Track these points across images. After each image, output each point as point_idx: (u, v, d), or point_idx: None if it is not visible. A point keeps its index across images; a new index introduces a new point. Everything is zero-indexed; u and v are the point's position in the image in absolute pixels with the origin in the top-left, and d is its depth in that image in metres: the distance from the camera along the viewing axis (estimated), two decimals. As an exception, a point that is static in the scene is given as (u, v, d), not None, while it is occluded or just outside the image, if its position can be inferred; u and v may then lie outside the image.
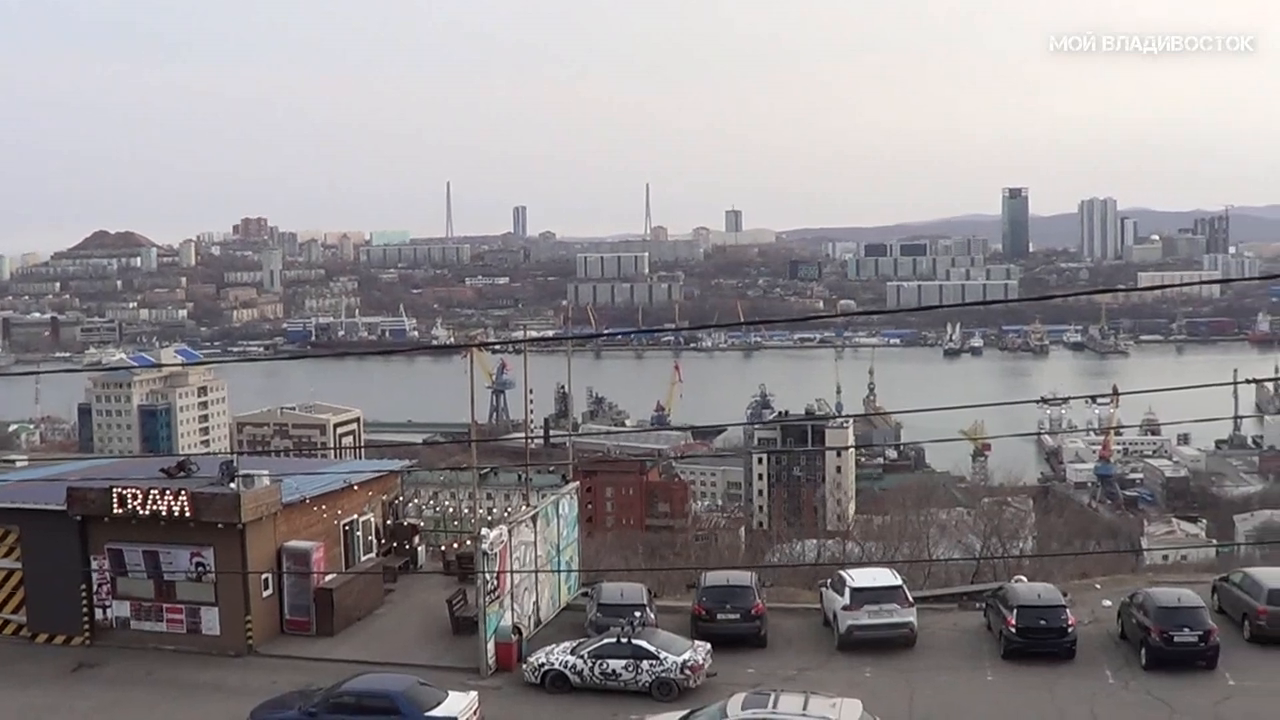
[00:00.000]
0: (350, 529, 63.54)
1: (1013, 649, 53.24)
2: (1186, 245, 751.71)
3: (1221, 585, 59.55)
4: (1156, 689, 49.62)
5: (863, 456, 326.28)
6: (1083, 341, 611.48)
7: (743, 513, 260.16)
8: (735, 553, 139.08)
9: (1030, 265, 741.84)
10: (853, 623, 54.58)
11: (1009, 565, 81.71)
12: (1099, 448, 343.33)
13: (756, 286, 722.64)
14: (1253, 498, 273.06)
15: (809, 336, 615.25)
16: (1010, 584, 59.04)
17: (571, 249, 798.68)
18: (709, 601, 55.97)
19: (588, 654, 49.65)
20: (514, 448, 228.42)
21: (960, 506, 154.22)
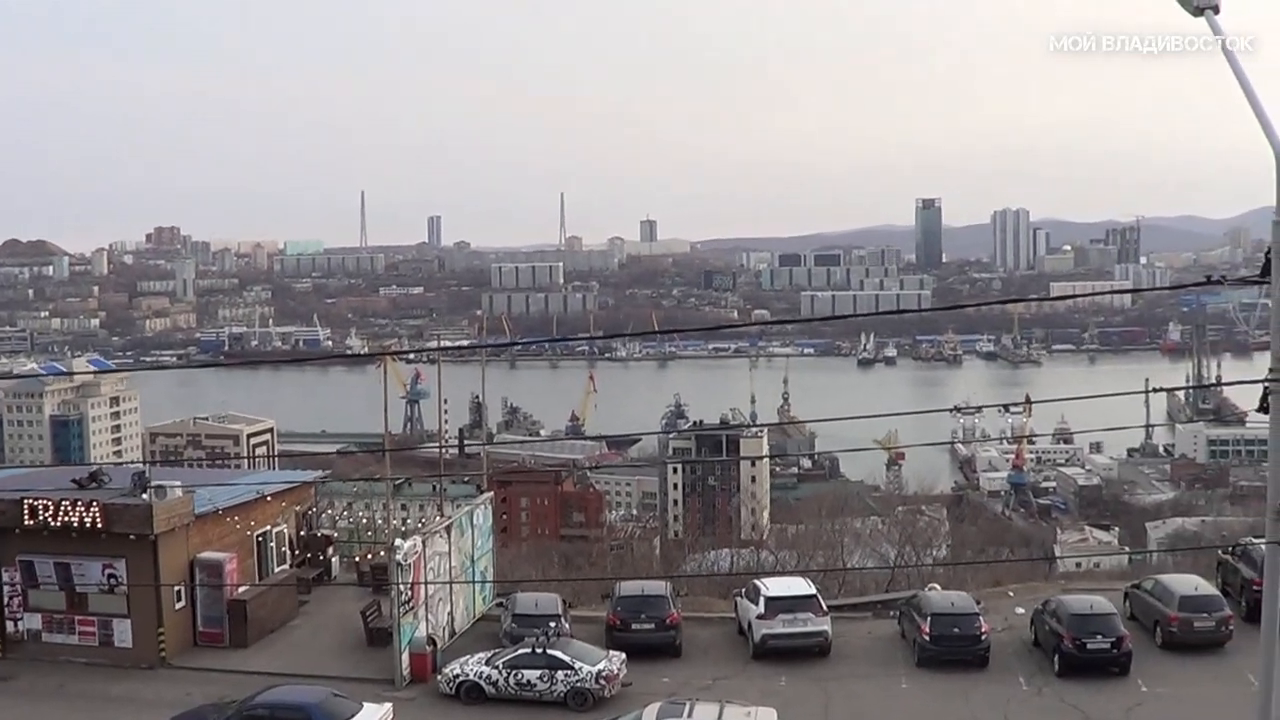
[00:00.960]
0: (264, 540, 63.28)
1: (927, 657, 53.59)
2: (1098, 255, 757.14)
3: (1133, 592, 60.09)
4: (1070, 695, 50.03)
5: (777, 466, 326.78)
6: (995, 351, 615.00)
7: (657, 522, 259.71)
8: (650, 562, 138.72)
9: (944, 275, 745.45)
10: (767, 632, 54.79)
11: (923, 573, 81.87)
12: (1012, 456, 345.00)
13: (671, 296, 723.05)
14: (1164, 505, 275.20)
15: (723, 346, 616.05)
16: (924, 592, 59.31)
17: (486, 258, 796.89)
18: (624, 611, 56.06)
19: (503, 665, 49.68)
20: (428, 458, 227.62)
21: (874, 515, 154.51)
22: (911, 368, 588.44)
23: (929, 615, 54.26)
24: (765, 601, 55.64)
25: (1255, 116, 22.33)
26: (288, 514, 66.25)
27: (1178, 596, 55.92)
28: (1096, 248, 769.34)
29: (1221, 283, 26.39)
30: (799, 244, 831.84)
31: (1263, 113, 22.25)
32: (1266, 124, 22.20)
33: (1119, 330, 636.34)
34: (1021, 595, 65.85)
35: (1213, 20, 23.14)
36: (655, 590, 58.97)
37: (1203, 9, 23.14)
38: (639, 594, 58.06)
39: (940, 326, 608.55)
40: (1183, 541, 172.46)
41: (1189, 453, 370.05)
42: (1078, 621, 52.79)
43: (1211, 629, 54.74)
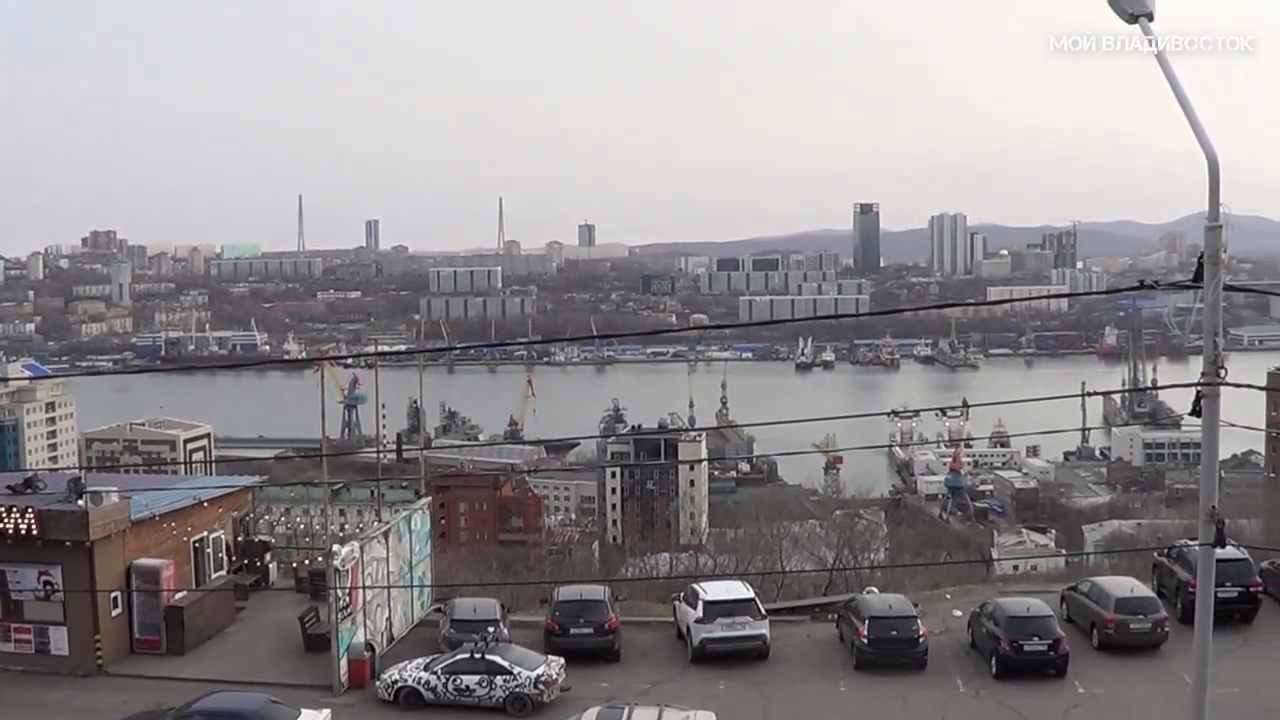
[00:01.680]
0: (201, 546, 62.99)
1: (865, 659, 53.82)
2: (1035, 260, 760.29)
3: (1070, 594, 60.55)
4: (1007, 697, 50.30)
5: (716, 470, 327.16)
6: (933, 355, 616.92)
7: (596, 527, 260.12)
8: (588, 567, 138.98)
9: (881, 280, 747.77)
10: (706, 635, 54.91)
11: (861, 577, 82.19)
12: (949, 460, 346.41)
13: (609, 300, 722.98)
14: (1101, 508, 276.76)
15: (662, 350, 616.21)
16: (862, 595, 59.63)
17: (424, 263, 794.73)
18: (562, 616, 56.12)
19: (441, 670, 49.63)
20: (366, 463, 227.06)
21: (813, 519, 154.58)
22: (849, 372, 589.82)
23: (867, 618, 54.50)
24: (704, 605, 55.80)
25: (1189, 122, 22.50)
26: (225, 520, 66.00)
27: (1114, 598, 56.40)
28: (1033, 252, 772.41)
29: (1155, 287, 26.62)
30: (737, 248, 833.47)
31: (1195, 119, 22.42)
32: (1199, 130, 22.37)
33: (1055, 334, 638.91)
34: (959, 598, 66.16)
35: (1147, 26, 23.28)
36: (594, 595, 59.07)
37: (1137, 15, 23.27)
38: (577, 599, 58.17)
39: (878, 331, 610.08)
40: (1119, 544, 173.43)
41: (1125, 456, 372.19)
42: (1015, 624, 53.17)
43: (1147, 630, 55.20)
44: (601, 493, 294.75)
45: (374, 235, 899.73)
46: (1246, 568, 60.11)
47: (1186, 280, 23.37)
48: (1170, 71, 22.81)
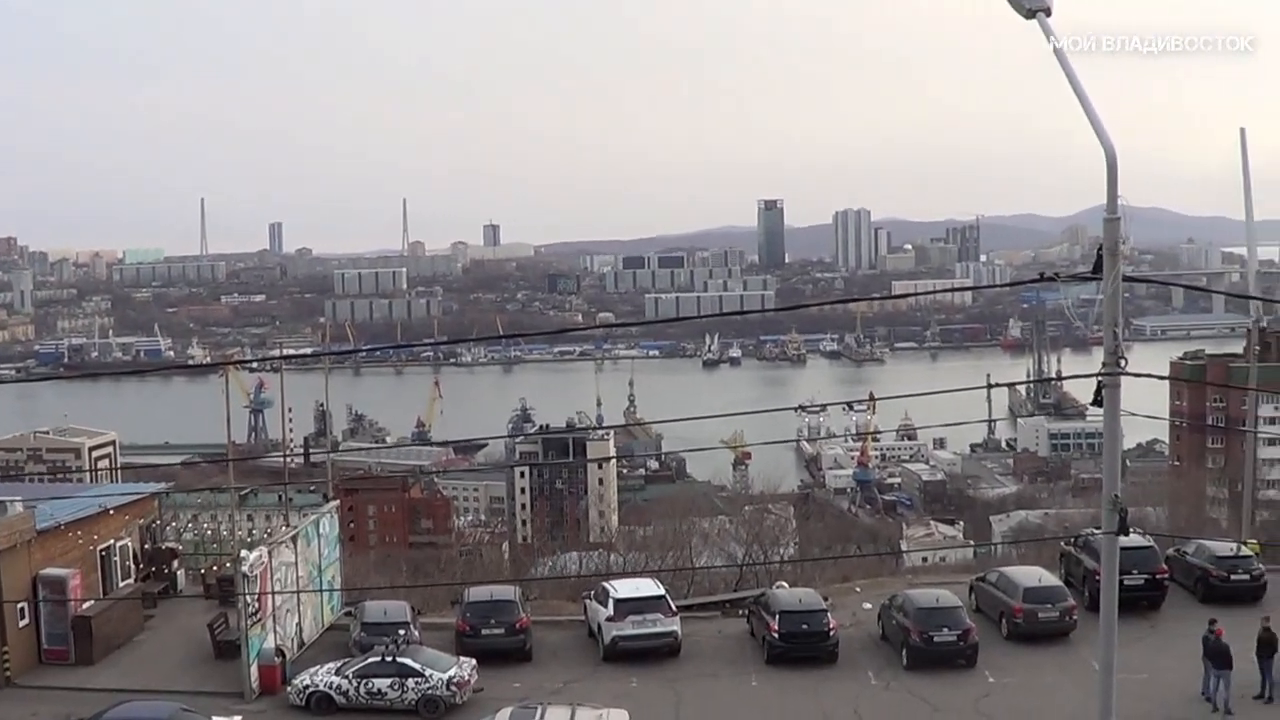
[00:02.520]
0: (107, 554, 62.50)
1: (776, 654, 54.11)
2: (939, 254, 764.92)
3: (978, 585, 61.16)
4: (918, 688, 50.69)
5: (624, 468, 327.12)
6: (839, 350, 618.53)
7: (506, 527, 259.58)
8: (498, 567, 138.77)
9: (787, 275, 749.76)
10: (617, 633, 55.07)
11: (771, 571, 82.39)
12: (857, 454, 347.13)
13: (515, 300, 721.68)
14: (1008, 499, 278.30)
15: (568, 350, 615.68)
16: (772, 590, 59.86)
17: (329, 265, 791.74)
18: (473, 617, 56.15)
19: (353, 674, 49.53)
20: (273, 467, 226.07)
21: (722, 515, 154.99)
22: (756, 368, 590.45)
23: (777, 613, 54.78)
24: (614, 603, 55.95)
25: (1087, 118, 22.72)
26: (131, 527, 65.55)
27: (1022, 588, 57.05)
28: (937, 246, 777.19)
29: (1056, 279, 26.86)
30: (642, 246, 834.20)
31: (1094, 113, 22.64)
32: (1098, 124, 22.59)
33: (960, 327, 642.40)
34: (868, 590, 66.62)
35: (1044, 23, 23.48)
36: (504, 595, 59.15)
37: (1034, 11, 23.46)
38: (488, 599, 58.21)
39: (784, 326, 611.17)
40: (1026, 534, 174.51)
41: (1031, 447, 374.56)
42: (924, 615, 53.61)
43: (1055, 619, 55.86)
44: (511, 493, 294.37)
45: (278, 238, 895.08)
46: (1152, 555, 60.79)
47: (1086, 272, 23.63)
48: (1069, 67, 23.03)
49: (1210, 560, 62.74)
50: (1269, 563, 66.91)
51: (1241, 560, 62.94)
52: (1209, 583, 61.77)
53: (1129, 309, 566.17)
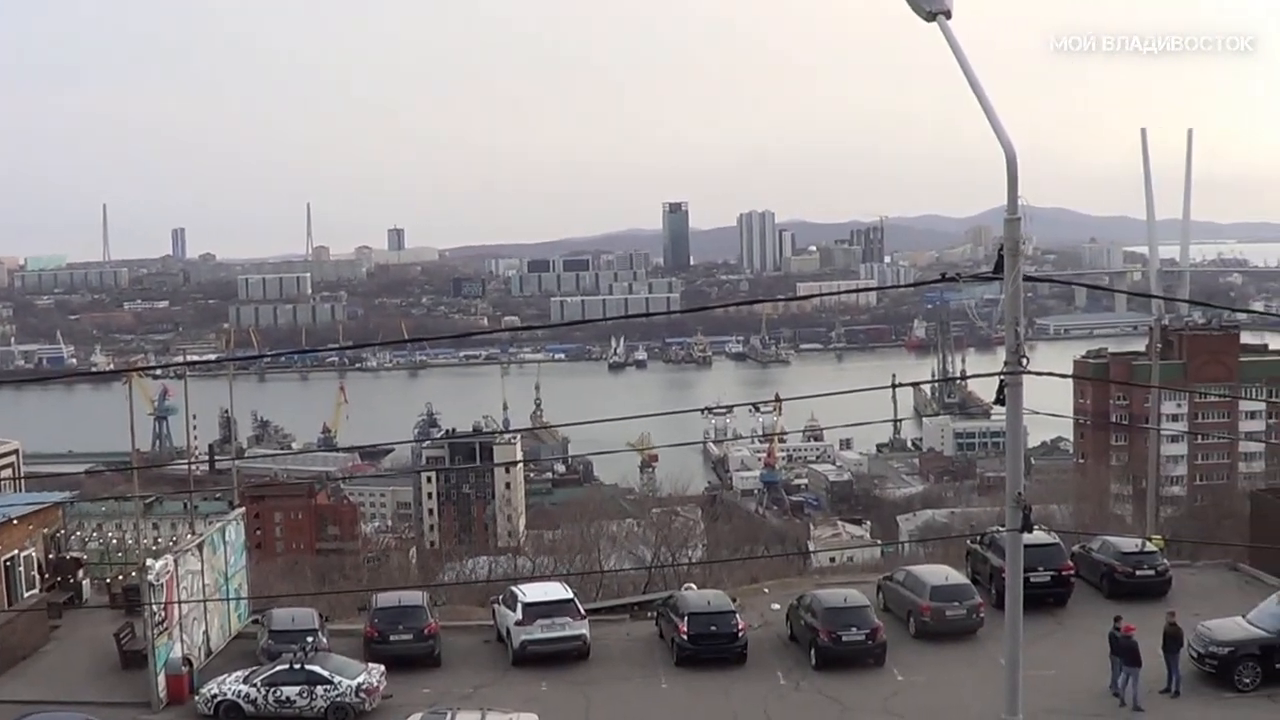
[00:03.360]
0: (11, 565, 61.90)
1: (685, 656, 54.24)
2: (843, 255, 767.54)
3: (886, 584, 61.60)
4: (827, 688, 50.95)
5: (531, 472, 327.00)
6: (745, 351, 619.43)
7: (413, 532, 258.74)
8: (406, 573, 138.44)
9: (691, 278, 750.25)
10: (526, 637, 55.09)
11: (679, 573, 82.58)
12: (764, 455, 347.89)
13: (420, 305, 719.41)
14: (914, 498, 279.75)
15: (474, 354, 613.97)
16: (680, 592, 60.03)
17: (232, 270, 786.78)
18: (381, 623, 56.03)
19: (261, 682, 49.32)
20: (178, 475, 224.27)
21: (630, 518, 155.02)
22: (662, 370, 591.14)
23: (686, 615, 54.98)
24: (523, 607, 55.97)
25: (987, 119, 22.91)
26: (35, 537, 64.98)
27: (929, 587, 57.51)
28: (842, 248, 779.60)
29: (957, 279, 27.07)
30: (547, 250, 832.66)
31: (994, 115, 22.84)
32: (998, 126, 22.80)
33: (865, 328, 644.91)
34: (776, 591, 66.84)
35: (944, 26, 23.62)
36: (412, 601, 59.01)
37: (935, 14, 23.61)
38: (396, 605, 58.06)
39: (689, 329, 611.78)
40: (932, 533, 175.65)
41: (936, 446, 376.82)
42: (832, 615, 53.90)
43: (963, 617, 56.29)
44: (418, 498, 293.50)
45: (181, 243, 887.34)
46: (1058, 552, 61.37)
47: (988, 272, 23.85)
48: (969, 69, 23.20)
49: (1115, 556, 63.37)
50: (1173, 558, 67.81)
51: (1146, 556, 63.64)
52: (1114, 579, 62.37)
53: (1033, 308, 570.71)
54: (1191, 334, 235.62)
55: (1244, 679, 49.17)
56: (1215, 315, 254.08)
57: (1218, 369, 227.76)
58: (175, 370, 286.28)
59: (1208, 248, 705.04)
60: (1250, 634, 50.33)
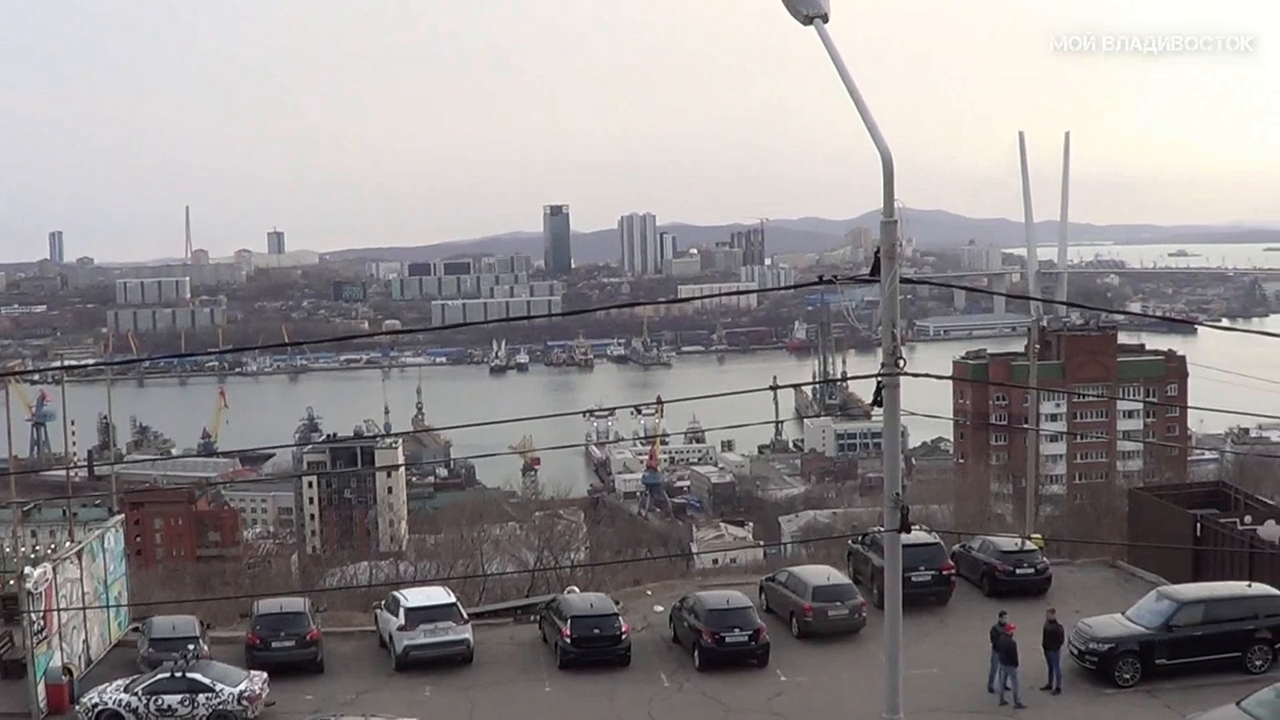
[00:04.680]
0: (-115, 576, 61.20)
1: (569, 659, 54.35)
2: (724, 258, 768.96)
3: (768, 585, 61.92)
4: (711, 689, 51.17)
5: (413, 476, 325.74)
6: (626, 354, 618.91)
7: (295, 538, 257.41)
8: (288, 579, 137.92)
9: (573, 281, 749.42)
10: (409, 643, 54.95)
11: (562, 576, 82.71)
12: (646, 457, 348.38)
13: (301, 308, 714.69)
14: (796, 499, 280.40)
15: (355, 358, 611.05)
16: (563, 595, 60.15)
17: (111, 274, 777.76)
18: (263, 630, 55.72)
19: (142, 691, 48.87)
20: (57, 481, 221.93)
21: (512, 521, 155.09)
22: (544, 373, 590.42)
23: (569, 618, 55.05)
24: (405, 613, 55.82)
25: (864, 123, 23.12)
26: (-90, 546, 64.26)
27: (811, 587, 57.90)
28: (723, 250, 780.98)
29: (835, 282, 27.32)
30: (428, 253, 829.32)
31: (870, 119, 23.06)
32: (874, 130, 23.02)
33: (746, 331, 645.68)
34: (659, 593, 67.08)
35: (821, 30, 23.80)
36: (294, 607, 58.72)
37: (812, 17, 23.78)
38: (278, 611, 57.77)
39: (571, 332, 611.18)
40: (815, 533, 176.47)
41: (818, 447, 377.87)
42: (715, 616, 54.16)
43: (845, 617, 56.77)
44: (299, 503, 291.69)
45: (58, 247, 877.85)
46: (939, 551, 62.01)
47: (865, 274, 24.10)
48: (846, 74, 23.41)
49: (995, 555, 64.18)
50: (1053, 556, 68.70)
51: (1026, 555, 64.49)
52: (995, 577, 63.17)
53: (912, 310, 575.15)
54: (1069, 335, 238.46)
55: (1124, 675, 49.90)
56: (1093, 316, 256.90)
57: (1095, 369, 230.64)
58: (53, 375, 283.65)
59: (1085, 249, 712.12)
60: (1129, 630, 51.08)
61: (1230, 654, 50.55)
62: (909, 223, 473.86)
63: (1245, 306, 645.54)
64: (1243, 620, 51.29)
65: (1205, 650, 50.48)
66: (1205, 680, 49.07)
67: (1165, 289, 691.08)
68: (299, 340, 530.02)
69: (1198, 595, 53.07)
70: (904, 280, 24.35)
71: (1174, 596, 52.81)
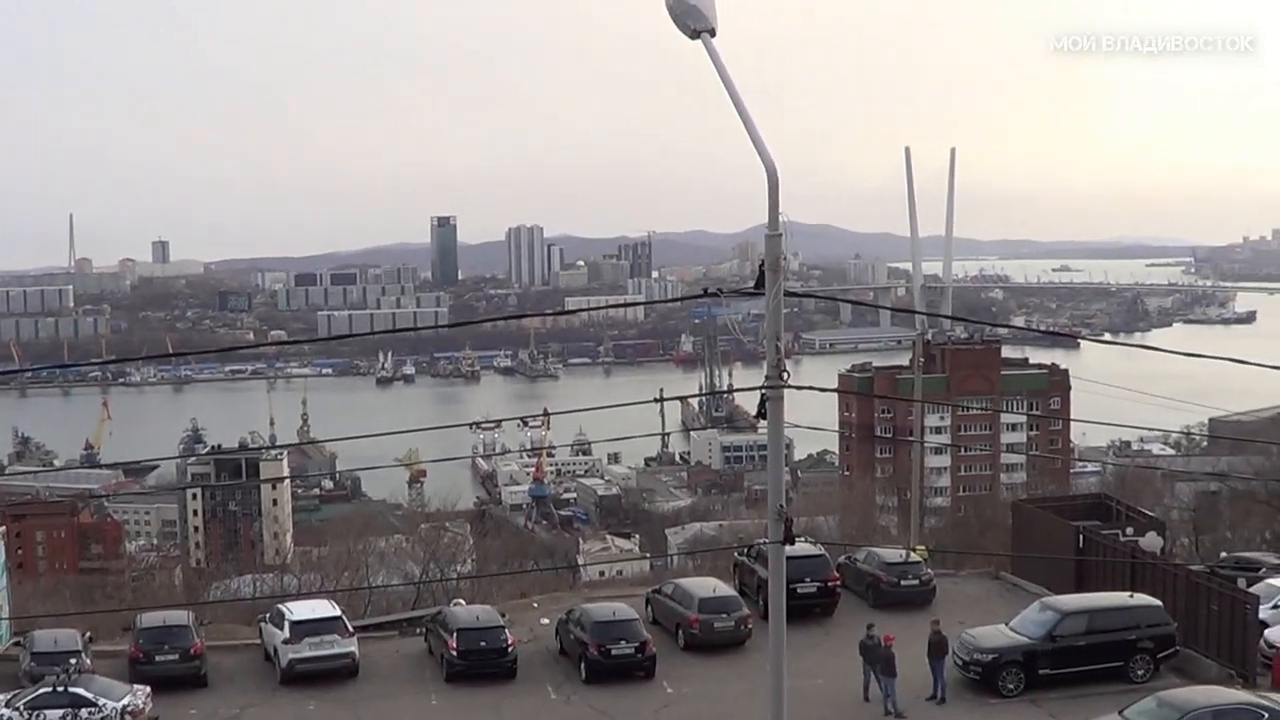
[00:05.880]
0: None
1: (455, 672, 54.25)
2: (612, 270, 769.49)
3: (655, 597, 62.07)
4: (598, 701, 51.20)
5: (299, 488, 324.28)
6: (513, 366, 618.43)
7: (179, 550, 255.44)
8: (172, 592, 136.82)
9: (460, 292, 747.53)
10: (294, 656, 54.62)
11: (448, 589, 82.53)
12: (533, 469, 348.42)
13: (186, 319, 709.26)
14: (682, 511, 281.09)
15: (240, 368, 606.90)
16: (449, 608, 59.89)
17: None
18: (146, 643, 55.17)
19: (23, 706, 48.35)
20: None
21: (398, 534, 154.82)
22: (431, 385, 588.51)
23: (455, 630, 54.92)
24: (290, 626, 55.50)
25: (749, 136, 23.22)
26: None
27: (697, 599, 58.13)
28: (610, 263, 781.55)
29: (719, 295, 27.44)
30: (315, 263, 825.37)
31: (755, 133, 23.16)
32: (759, 143, 23.12)
33: (633, 343, 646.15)
34: (546, 606, 67.07)
35: (709, 44, 23.89)
36: (178, 620, 58.15)
37: (699, 32, 23.87)
38: (161, 625, 57.18)
39: (458, 343, 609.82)
40: (701, 545, 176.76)
41: (704, 459, 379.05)
42: (601, 629, 54.22)
43: (731, 628, 57.03)
44: (183, 515, 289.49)
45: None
46: (824, 563, 62.42)
47: (750, 288, 24.20)
48: (732, 88, 23.49)
49: (881, 567, 64.68)
50: (937, 568, 69.29)
51: (911, 566, 65.10)
52: (880, 589, 63.66)
53: (798, 323, 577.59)
54: (954, 348, 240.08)
55: (1008, 685, 50.51)
56: (977, 330, 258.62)
57: (980, 383, 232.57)
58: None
59: (970, 264, 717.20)
60: (1013, 641, 51.69)
61: (1113, 663, 51.25)
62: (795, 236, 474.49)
63: (1127, 321, 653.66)
64: (1125, 630, 52.03)
65: (1088, 660, 51.14)
66: (1088, 690, 49.71)
67: (1049, 303, 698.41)
68: (183, 351, 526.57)
69: (1080, 606, 53.77)
70: (789, 293, 24.48)
71: (1057, 607, 53.48)
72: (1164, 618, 53.24)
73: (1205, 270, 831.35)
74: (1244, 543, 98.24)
